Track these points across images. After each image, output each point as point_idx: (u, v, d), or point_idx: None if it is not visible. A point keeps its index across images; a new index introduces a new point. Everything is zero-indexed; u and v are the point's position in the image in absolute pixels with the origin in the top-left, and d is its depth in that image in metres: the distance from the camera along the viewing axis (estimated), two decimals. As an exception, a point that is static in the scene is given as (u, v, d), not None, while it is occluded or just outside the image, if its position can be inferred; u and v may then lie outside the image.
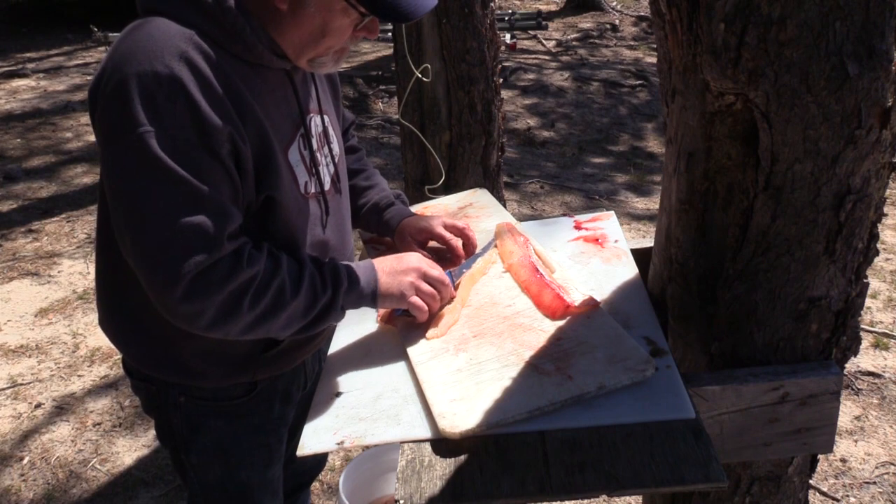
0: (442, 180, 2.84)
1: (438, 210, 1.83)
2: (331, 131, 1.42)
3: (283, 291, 1.18)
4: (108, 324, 1.38)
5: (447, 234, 1.53)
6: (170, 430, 1.43)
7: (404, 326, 1.35)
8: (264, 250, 1.20)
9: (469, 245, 1.55)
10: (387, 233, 1.60)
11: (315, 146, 1.34)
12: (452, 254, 1.52)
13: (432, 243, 1.55)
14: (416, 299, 1.30)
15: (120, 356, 1.80)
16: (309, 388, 1.55)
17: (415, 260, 1.34)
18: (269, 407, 1.44)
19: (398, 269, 1.31)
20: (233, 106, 1.14)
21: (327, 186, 1.37)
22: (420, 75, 2.78)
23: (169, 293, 1.11)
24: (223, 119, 1.12)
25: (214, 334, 1.17)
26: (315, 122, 1.35)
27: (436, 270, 1.34)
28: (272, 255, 1.21)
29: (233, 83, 1.15)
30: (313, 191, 1.33)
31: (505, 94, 4.46)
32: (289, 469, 1.67)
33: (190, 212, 1.10)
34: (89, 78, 6.19)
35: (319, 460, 1.82)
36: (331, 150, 1.40)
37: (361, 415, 1.15)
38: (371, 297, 1.28)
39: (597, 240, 1.62)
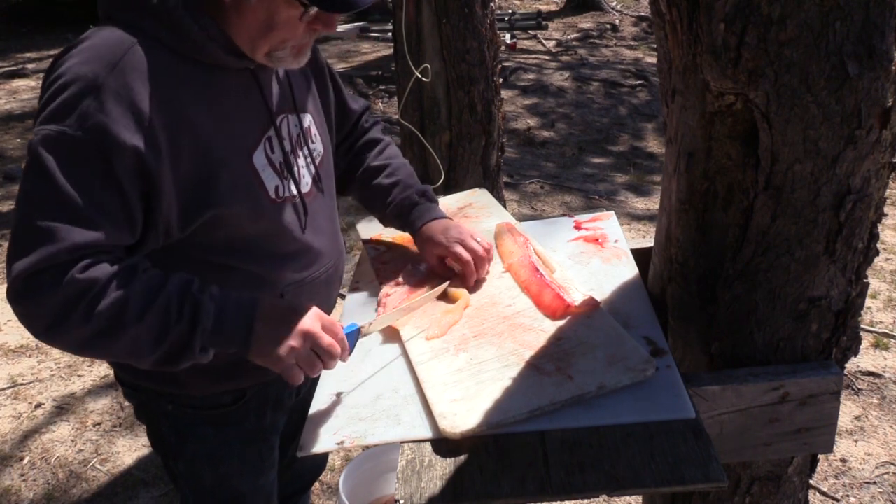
0: (442, 180, 2.84)
1: (438, 210, 1.83)
2: (313, 130, 1.38)
3: (123, 310, 1.08)
4: None
5: (465, 257, 1.42)
6: (159, 437, 1.42)
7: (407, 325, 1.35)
8: (119, 265, 1.11)
9: (480, 271, 1.44)
10: (412, 234, 1.53)
11: (289, 147, 1.30)
12: (464, 280, 1.44)
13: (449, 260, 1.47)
14: (293, 366, 1.15)
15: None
16: (304, 394, 1.53)
17: (308, 321, 1.16)
18: (259, 414, 1.42)
19: (282, 328, 1.14)
20: (161, 119, 1.10)
21: (306, 188, 1.33)
22: (420, 75, 2.78)
23: (9, 287, 1.09)
24: (134, 134, 1.08)
25: (54, 344, 1.12)
26: (290, 123, 1.31)
27: (326, 338, 1.15)
28: (130, 270, 1.11)
29: (171, 93, 1.12)
30: (287, 194, 1.28)
31: (505, 94, 4.45)
32: (288, 473, 1.66)
33: (46, 215, 1.06)
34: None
35: (319, 463, 1.81)
36: (310, 151, 1.36)
37: (361, 415, 1.15)
38: (241, 346, 1.14)
39: (597, 240, 1.62)
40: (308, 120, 1.37)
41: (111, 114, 1.07)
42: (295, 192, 1.30)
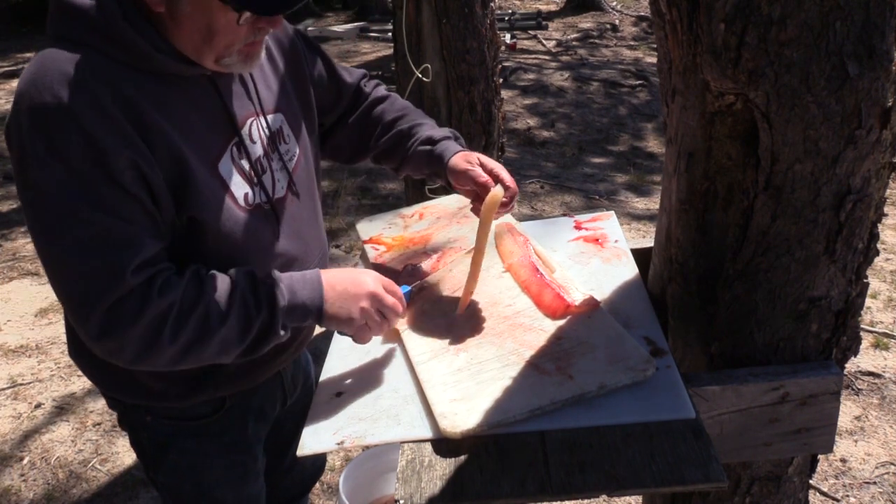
0: (442, 180, 2.84)
1: (438, 210, 1.83)
2: (285, 130, 1.33)
3: (207, 318, 1.12)
4: (73, 351, 1.35)
5: (484, 180, 1.37)
6: (140, 447, 1.40)
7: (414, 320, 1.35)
8: (185, 276, 1.13)
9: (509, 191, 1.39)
10: (440, 170, 1.44)
11: (260, 152, 1.26)
12: (481, 193, 1.38)
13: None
14: (364, 327, 1.22)
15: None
16: (293, 401, 1.51)
17: (371, 283, 1.23)
18: (241, 425, 1.39)
19: (351, 291, 1.21)
20: (134, 129, 1.09)
21: (280, 193, 1.29)
22: (420, 75, 2.78)
23: (84, 332, 1.09)
24: (122, 144, 1.07)
25: (142, 367, 1.13)
26: (259, 126, 1.27)
27: (390, 297, 1.24)
28: (196, 279, 1.14)
29: (134, 103, 1.09)
30: (258, 201, 1.25)
31: (505, 94, 4.45)
32: (287, 478, 1.65)
33: (87, 251, 1.06)
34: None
35: (318, 466, 1.79)
36: (283, 154, 1.31)
37: (361, 415, 1.15)
38: (316, 315, 1.20)
39: (597, 240, 1.62)
40: (279, 120, 1.33)
41: (95, 131, 1.05)
42: (265, 198, 1.26)
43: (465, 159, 1.41)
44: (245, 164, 1.24)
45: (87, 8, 1.10)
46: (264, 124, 1.29)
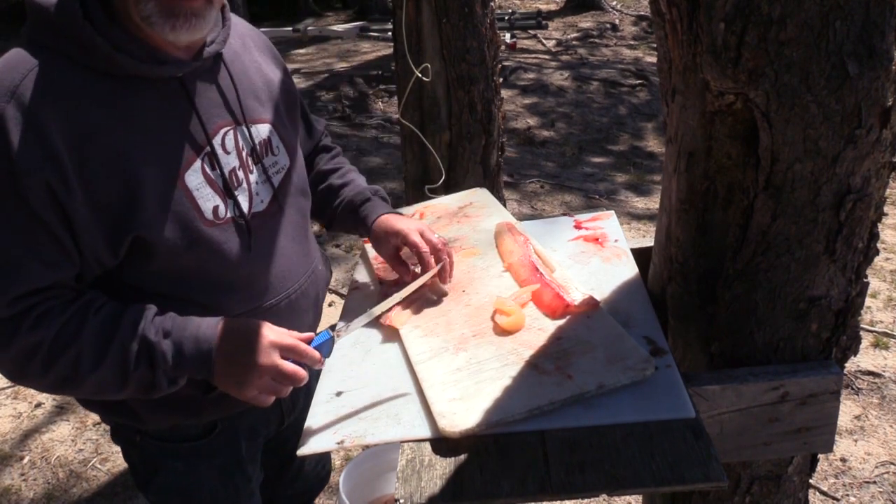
0: (442, 180, 2.84)
1: (438, 210, 1.83)
2: (273, 142, 1.28)
3: (78, 362, 1.07)
4: None
5: (422, 245, 1.37)
6: (131, 464, 1.38)
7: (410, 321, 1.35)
8: (69, 309, 1.07)
9: (438, 262, 1.40)
10: (363, 231, 1.47)
11: (235, 163, 1.20)
12: (423, 268, 1.39)
13: (406, 250, 1.43)
14: (256, 398, 1.15)
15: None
16: (292, 420, 1.48)
17: (265, 354, 1.12)
18: (234, 446, 1.36)
19: (243, 363, 1.12)
20: (68, 143, 1.02)
21: (259, 207, 1.24)
22: (420, 75, 2.78)
23: None
24: (41, 164, 1.01)
25: (21, 385, 1.10)
26: (237, 136, 1.22)
27: (289, 366, 1.13)
28: (80, 316, 1.08)
29: (79, 118, 1.04)
30: (230, 215, 1.19)
31: (505, 93, 4.45)
32: (291, 489, 1.64)
33: None
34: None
35: (322, 477, 1.75)
36: (268, 166, 1.26)
37: (361, 414, 1.15)
38: (207, 378, 1.15)
39: (597, 239, 1.62)
40: (265, 131, 1.27)
41: (13, 145, 1.00)
42: (238, 212, 1.20)
43: (396, 223, 1.42)
44: (216, 175, 1.18)
45: (47, 7, 1.06)
46: (246, 135, 1.24)
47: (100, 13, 1.07)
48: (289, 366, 1.14)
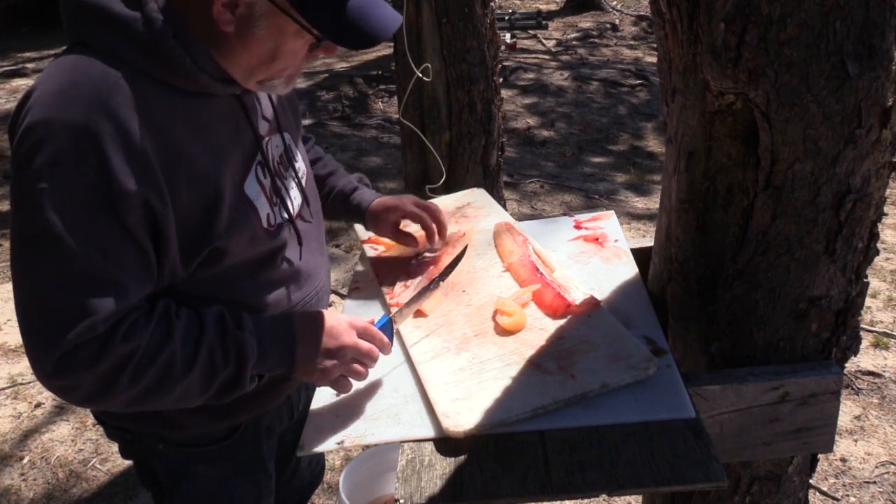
0: (442, 180, 2.84)
1: (438, 210, 1.83)
2: (293, 148, 1.31)
3: (170, 369, 1.05)
4: None
5: (419, 211, 1.52)
6: (152, 476, 1.36)
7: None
8: (154, 317, 1.06)
9: (439, 226, 1.54)
10: (357, 218, 1.56)
11: (276, 170, 1.23)
12: (427, 232, 1.53)
13: (405, 223, 1.55)
14: (340, 379, 1.17)
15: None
16: (300, 414, 1.49)
17: (345, 334, 1.16)
18: (255, 445, 1.37)
19: (324, 345, 1.15)
20: (159, 159, 1.02)
21: (297, 210, 1.27)
22: (420, 75, 2.78)
23: (37, 367, 1.03)
24: (138, 180, 1.00)
25: (93, 407, 1.06)
26: (274, 144, 1.24)
27: (365, 344, 1.17)
28: (165, 322, 1.07)
29: (165, 128, 1.03)
30: (279, 220, 1.21)
31: (505, 93, 4.45)
32: (286, 489, 1.64)
33: (64, 286, 0.99)
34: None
35: (316, 475, 1.76)
36: (295, 171, 1.29)
37: (361, 414, 1.15)
38: (288, 369, 1.15)
39: (597, 239, 1.62)
40: (289, 138, 1.30)
41: (112, 162, 0.98)
42: (286, 216, 1.23)
43: (391, 201, 1.54)
44: (268, 182, 1.20)
45: (130, 20, 1.02)
46: (279, 142, 1.26)
47: (187, 33, 1.05)
48: (365, 344, 1.18)
